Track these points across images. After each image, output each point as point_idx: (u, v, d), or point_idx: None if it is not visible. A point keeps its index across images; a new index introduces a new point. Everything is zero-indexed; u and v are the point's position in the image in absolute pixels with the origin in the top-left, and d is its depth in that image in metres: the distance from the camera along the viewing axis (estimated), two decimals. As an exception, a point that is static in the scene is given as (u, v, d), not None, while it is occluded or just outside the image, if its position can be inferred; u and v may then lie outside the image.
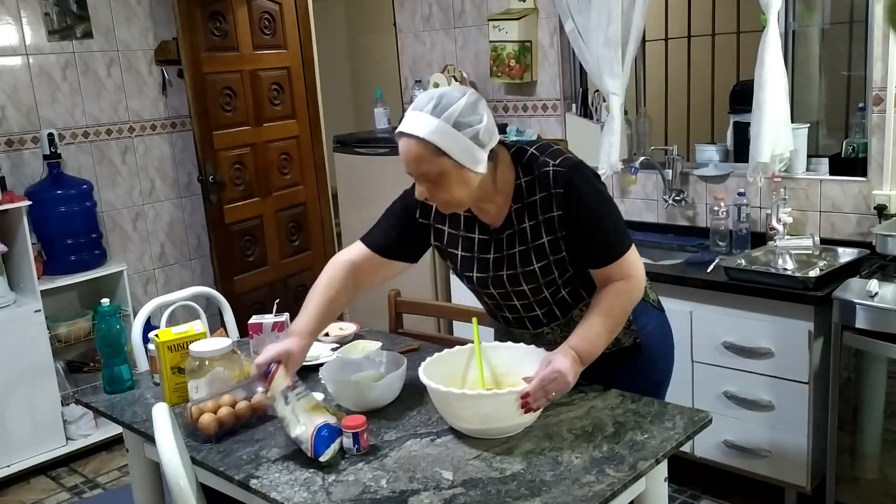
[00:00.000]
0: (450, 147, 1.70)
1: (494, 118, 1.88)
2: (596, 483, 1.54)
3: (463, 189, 1.75)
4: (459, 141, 1.70)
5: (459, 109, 1.70)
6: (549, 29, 3.70)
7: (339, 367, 2.02)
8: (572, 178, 1.79)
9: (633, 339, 1.99)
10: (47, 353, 3.55)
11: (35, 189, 3.66)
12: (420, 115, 1.71)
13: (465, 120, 1.71)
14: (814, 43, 3.23)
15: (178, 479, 1.57)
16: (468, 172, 1.74)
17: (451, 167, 1.72)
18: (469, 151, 1.72)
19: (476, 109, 1.73)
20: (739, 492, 2.98)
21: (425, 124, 1.70)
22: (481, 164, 1.75)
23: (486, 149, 1.75)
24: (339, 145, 4.14)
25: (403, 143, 1.74)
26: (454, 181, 1.74)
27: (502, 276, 1.88)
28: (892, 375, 2.49)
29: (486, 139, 1.73)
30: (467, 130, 1.71)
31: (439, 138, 1.69)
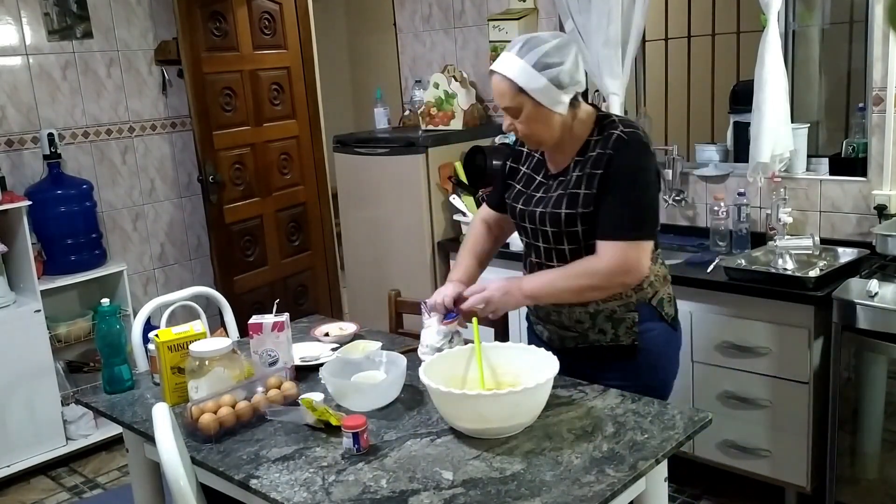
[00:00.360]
0: (530, 86, 1.84)
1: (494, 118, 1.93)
2: (596, 483, 1.54)
3: (541, 126, 1.91)
4: (539, 81, 1.84)
5: (543, 52, 1.84)
6: (549, 29, 3.70)
7: (339, 367, 2.02)
8: (625, 146, 1.89)
9: (633, 340, 2.01)
10: (47, 353, 3.55)
11: (35, 189, 3.66)
12: (507, 55, 1.88)
13: (548, 61, 1.84)
14: (814, 43, 3.23)
15: (178, 479, 1.57)
16: (547, 111, 1.88)
17: (531, 104, 1.87)
18: (548, 92, 1.85)
19: (560, 53, 1.85)
20: (739, 492, 2.98)
21: (510, 64, 1.86)
22: (561, 104, 1.88)
23: (565, 90, 1.87)
24: (339, 145, 4.14)
25: (493, 79, 1.92)
26: (534, 118, 1.89)
27: (535, 211, 2.01)
28: (892, 375, 2.48)
29: (566, 81, 1.86)
30: (547, 72, 1.84)
31: (521, 78, 1.85)
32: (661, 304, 2.04)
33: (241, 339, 2.56)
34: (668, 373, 2.11)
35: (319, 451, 1.76)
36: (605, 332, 2.02)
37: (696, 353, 2.86)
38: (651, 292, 2.02)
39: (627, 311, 2.00)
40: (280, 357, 2.13)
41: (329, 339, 2.42)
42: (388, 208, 3.91)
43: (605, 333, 2.02)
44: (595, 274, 1.90)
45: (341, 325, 2.51)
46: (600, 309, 2.00)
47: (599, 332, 2.03)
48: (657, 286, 2.03)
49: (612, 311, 2.00)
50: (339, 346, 2.34)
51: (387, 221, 3.94)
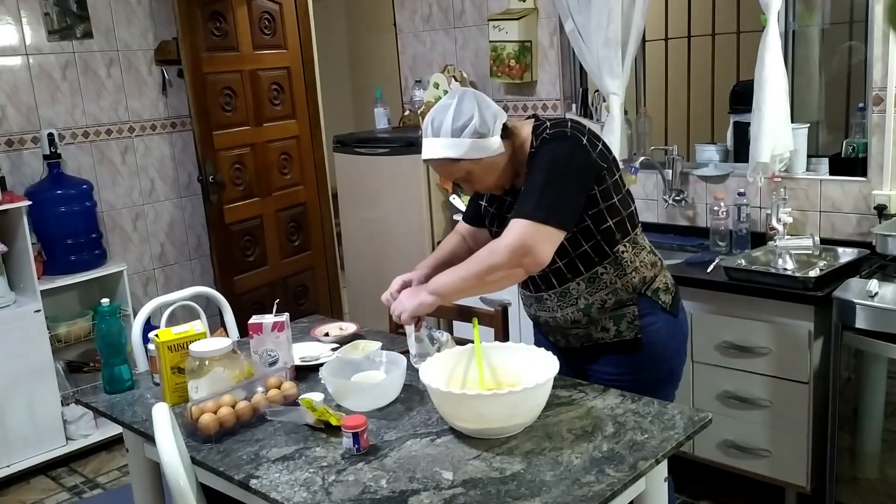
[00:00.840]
0: (460, 153, 1.93)
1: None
2: (596, 483, 1.54)
3: (491, 173, 1.98)
4: (464, 144, 1.92)
5: (451, 118, 1.92)
6: (549, 29, 3.70)
7: (339, 367, 2.02)
8: (547, 141, 1.95)
9: (635, 333, 2.04)
10: (47, 353, 3.55)
11: (35, 189, 3.66)
12: (427, 141, 1.98)
13: (459, 124, 1.92)
14: (814, 43, 3.23)
15: (178, 479, 1.57)
16: (489, 160, 1.95)
17: (471, 164, 1.95)
18: (476, 146, 1.93)
19: (464, 110, 1.93)
20: (739, 492, 2.98)
21: (433, 146, 1.96)
22: (493, 148, 1.94)
23: (490, 136, 1.93)
24: (339, 145, 4.14)
25: (433, 167, 2.06)
26: (483, 172, 1.97)
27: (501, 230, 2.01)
28: (892, 375, 2.48)
29: (485, 129, 1.93)
30: (466, 132, 1.92)
31: (448, 151, 1.94)
32: (656, 293, 2.06)
33: (241, 339, 2.56)
34: (674, 363, 2.13)
35: (319, 451, 1.76)
36: (607, 329, 2.04)
37: (696, 353, 2.86)
38: (638, 278, 2.03)
39: (619, 299, 2.02)
40: (280, 357, 2.13)
41: (329, 339, 2.42)
42: (388, 208, 3.91)
43: (607, 331, 2.05)
44: (494, 252, 1.89)
45: (341, 325, 2.51)
46: (591, 303, 2.02)
47: (602, 330, 2.05)
48: (644, 272, 2.05)
49: (602, 301, 2.02)
50: (339, 346, 2.34)
51: (387, 221, 3.94)
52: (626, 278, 2.02)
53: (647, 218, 3.53)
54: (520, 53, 3.70)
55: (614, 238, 2.00)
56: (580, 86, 3.75)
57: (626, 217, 2.02)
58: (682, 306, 2.17)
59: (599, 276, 2.00)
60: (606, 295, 2.02)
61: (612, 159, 2.00)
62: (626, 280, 2.02)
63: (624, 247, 2.02)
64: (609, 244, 1.99)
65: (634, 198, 2.13)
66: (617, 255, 2.01)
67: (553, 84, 3.75)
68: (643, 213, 3.53)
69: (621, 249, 2.01)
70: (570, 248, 1.97)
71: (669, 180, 3.39)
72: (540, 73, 3.78)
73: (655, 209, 3.51)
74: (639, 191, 3.54)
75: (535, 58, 3.76)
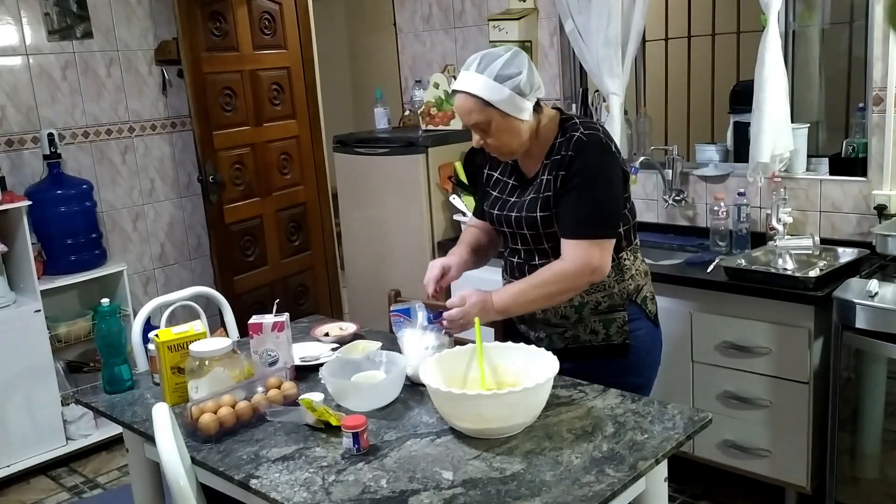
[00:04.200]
0: (495, 98, 1.92)
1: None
2: (596, 483, 1.54)
3: (511, 136, 1.97)
4: (503, 92, 1.91)
5: (500, 64, 1.92)
6: (549, 29, 3.70)
7: (339, 367, 2.02)
8: (585, 147, 1.95)
9: (624, 339, 2.07)
10: (47, 353, 3.55)
11: (35, 189, 3.66)
12: (467, 74, 1.95)
13: (507, 72, 1.91)
14: (814, 43, 3.23)
15: (178, 479, 1.57)
16: (514, 120, 1.95)
17: (498, 116, 1.94)
18: (512, 101, 1.92)
19: (516, 63, 1.93)
20: (739, 492, 2.98)
21: (472, 81, 1.93)
22: (525, 111, 1.95)
23: (528, 97, 1.95)
24: (339, 145, 4.14)
25: (457, 99, 1.99)
26: (503, 128, 1.96)
27: (511, 216, 2.07)
28: (892, 375, 2.48)
29: (527, 89, 1.94)
30: (508, 82, 1.91)
31: (485, 92, 1.92)
32: (644, 301, 2.11)
33: (241, 339, 2.56)
34: (652, 371, 2.17)
35: (319, 451, 1.76)
36: (596, 332, 2.06)
37: (696, 353, 2.86)
38: (633, 285, 2.07)
39: (612, 303, 2.05)
40: (280, 357, 2.13)
41: (329, 339, 2.42)
42: (388, 208, 3.91)
43: (596, 334, 2.06)
44: (562, 278, 1.94)
45: (341, 325, 2.51)
46: (585, 301, 2.05)
47: (591, 333, 2.07)
48: (639, 280, 2.09)
49: (596, 302, 2.04)
50: (339, 346, 2.34)
51: (387, 221, 3.94)
52: (624, 284, 2.06)
53: (647, 218, 3.53)
54: (520, 53, 3.70)
55: (620, 244, 2.03)
56: (580, 86, 3.75)
57: (632, 226, 2.07)
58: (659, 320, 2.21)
59: None
60: (602, 297, 2.05)
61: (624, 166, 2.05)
62: (623, 286, 2.06)
63: (626, 254, 2.06)
64: (616, 250, 2.02)
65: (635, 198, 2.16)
66: (620, 260, 2.05)
67: (553, 84, 3.75)
68: (643, 213, 3.53)
69: (624, 256, 2.06)
70: None
71: (669, 180, 3.39)
72: (540, 73, 3.77)
73: (655, 209, 3.51)
74: (639, 191, 3.54)
75: (535, 58, 3.76)
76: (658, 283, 2.81)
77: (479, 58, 1.96)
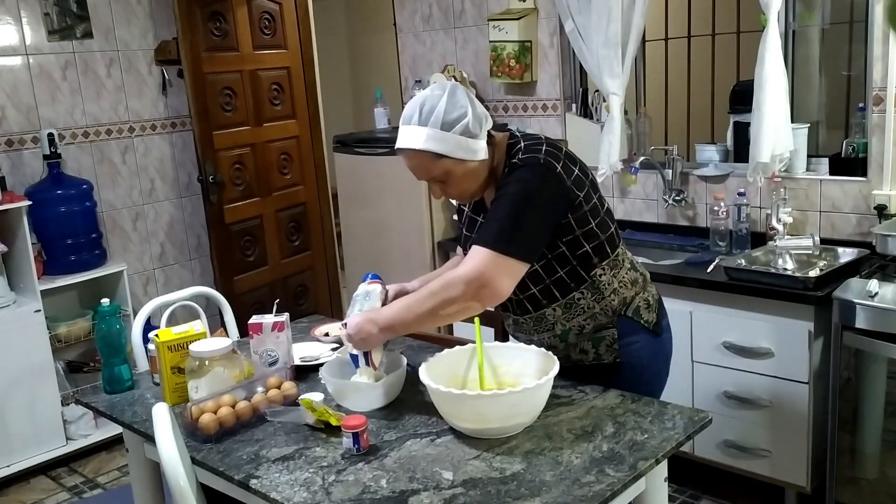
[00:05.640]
0: (445, 149, 1.81)
1: (494, 118, 1.91)
2: (596, 483, 1.54)
3: (471, 179, 1.88)
4: (452, 140, 1.81)
5: (443, 111, 1.80)
6: (549, 29, 3.70)
7: (339, 367, 2.02)
8: (518, 169, 1.84)
9: (614, 357, 1.97)
10: (47, 353, 3.55)
11: (35, 189, 3.66)
12: (410, 128, 1.83)
13: (451, 118, 1.80)
14: (814, 43, 3.23)
15: (178, 479, 1.57)
16: (470, 164, 1.85)
17: (453, 165, 1.83)
18: (464, 146, 1.82)
19: (458, 105, 1.81)
20: (739, 492, 2.98)
21: (417, 135, 1.81)
22: (480, 151, 1.85)
23: (479, 137, 1.84)
24: (339, 145, 4.14)
25: (405, 157, 1.87)
26: (460, 175, 1.86)
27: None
28: (892, 375, 2.48)
29: (475, 129, 1.83)
30: (456, 128, 1.80)
31: (433, 144, 1.81)
32: (637, 313, 1.98)
33: (241, 339, 2.56)
34: (653, 385, 2.03)
35: (319, 451, 1.76)
36: (586, 351, 1.99)
37: (696, 353, 2.86)
38: (618, 300, 1.95)
39: (597, 324, 1.95)
40: (280, 357, 2.13)
41: (329, 339, 2.42)
42: (388, 208, 3.91)
43: (586, 353, 1.99)
44: (450, 285, 1.78)
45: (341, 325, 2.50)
46: (568, 329, 1.96)
47: (581, 353, 1.99)
48: (624, 293, 1.97)
49: (580, 327, 1.96)
50: (339, 346, 2.33)
51: (387, 221, 3.94)
52: (605, 301, 1.94)
53: (647, 218, 3.53)
54: (520, 53, 3.70)
55: (591, 262, 1.90)
56: (580, 86, 3.75)
57: (604, 240, 1.92)
58: (666, 324, 2.07)
59: (576, 302, 1.93)
60: (584, 320, 1.95)
61: (590, 182, 1.89)
62: (604, 304, 1.94)
63: (602, 270, 1.92)
64: (586, 269, 1.90)
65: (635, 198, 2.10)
66: (594, 279, 1.92)
67: (553, 84, 3.75)
68: (643, 213, 3.53)
69: (598, 273, 1.92)
70: (544, 274, 1.90)
71: (669, 180, 3.39)
72: (540, 73, 3.78)
73: (655, 209, 3.51)
74: (639, 191, 3.54)
75: (535, 58, 3.76)
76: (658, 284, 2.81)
77: (418, 107, 1.82)
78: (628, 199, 3.58)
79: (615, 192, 3.61)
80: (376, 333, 1.87)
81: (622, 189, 3.59)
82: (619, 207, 3.61)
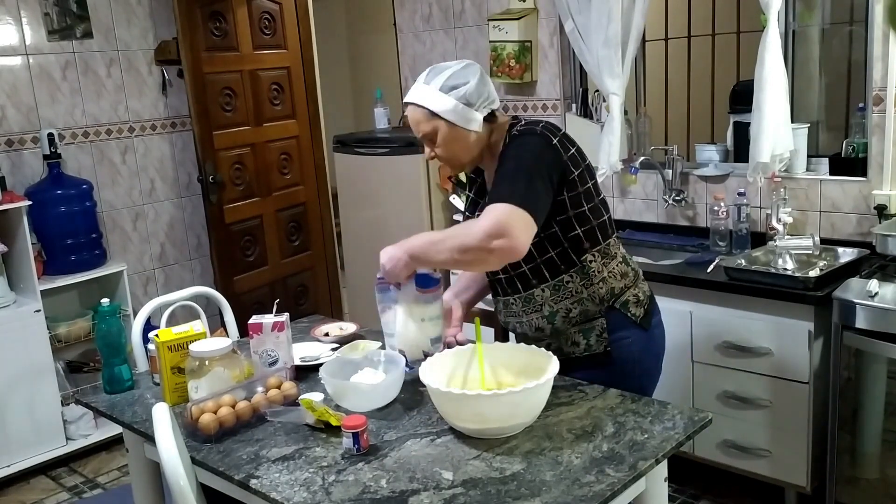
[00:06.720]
0: (440, 108, 1.93)
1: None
2: (596, 483, 1.54)
3: (459, 147, 1.97)
4: (449, 103, 1.92)
5: (447, 75, 1.94)
6: (549, 29, 3.70)
7: (339, 367, 2.02)
8: (515, 137, 1.95)
9: (604, 346, 2.01)
10: (47, 353, 3.55)
11: (35, 189, 3.66)
12: (417, 86, 1.99)
13: (453, 83, 1.93)
14: (814, 43, 3.23)
15: (178, 479, 1.57)
16: (461, 131, 1.95)
17: (445, 126, 1.94)
18: (459, 111, 1.93)
19: (465, 75, 1.94)
20: (739, 492, 2.98)
21: (420, 92, 1.96)
22: (473, 122, 1.94)
23: (475, 108, 1.94)
24: (339, 145, 4.14)
25: (408, 111, 2.01)
26: (450, 139, 1.96)
27: None
28: (892, 375, 2.49)
29: (474, 100, 1.93)
30: (454, 93, 1.92)
31: (431, 102, 1.94)
32: (625, 306, 2.02)
33: (241, 339, 2.56)
34: (644, 381, 2.07)
35: (319, 451, 1.76)
36: (577, 343, 2.02)
37: (696, 353, 2.87)
38: (605, 289, 2.00)
39: (585, 310, 1.99)
40: (280, 357, 2.13)
41: (329, 339, 2.42)
42: (388, 208, 3.91)
43: (577, 345, 2.02)
44: (469, 232, 1.84)
45: (341, 325, 2.51)
46: (555, 310, 2.00)
47: (573, 344, 2.03)
48: (613, 283, 2.01)
49: (566, 310, 1.99)
50: (339, 346, 2.34)
51: (387, 221, 3.94)
52: (593, 288, 1.99)
53: (647, 218, 3.53)
54: (520, 53, 3.70)
55: (582, 247, 1.96)
56: (580, 86, 3.75)
57: (596, 226, 1.98)
58: (657, 321, 2.11)
59: (565, 284, 1.98)
60: (571, 304, 1.99)
61: (585, 165, 1.97)
62: (592, 290, 1.99)
63: (592, 256, 1.98)
64: (577, 252, 1.96)
65: (635, 198, 2.12)
66: (584, 263, 1.97)
67: (553, 84, 3.75)
68: (643, 213, 3.53)
69: (589, 259, 1.98)
70: (535, 252, 1.95)
71: (669, 180, 3.39)
72: (540, 73, 3.78)
73: (655, 209, 3.51)
74: (639, 191, 3.54)
75: (535, 58, 3.76)
76: (658, 283, 2.82)
77: (430, 69, 1.98)
78: (628, 199, 3.58)
79: (615, 192, 3.61)
80: (407, 260, 1.93)
81: (622, 189, 3.59)
82: (619, 207, 3.61)
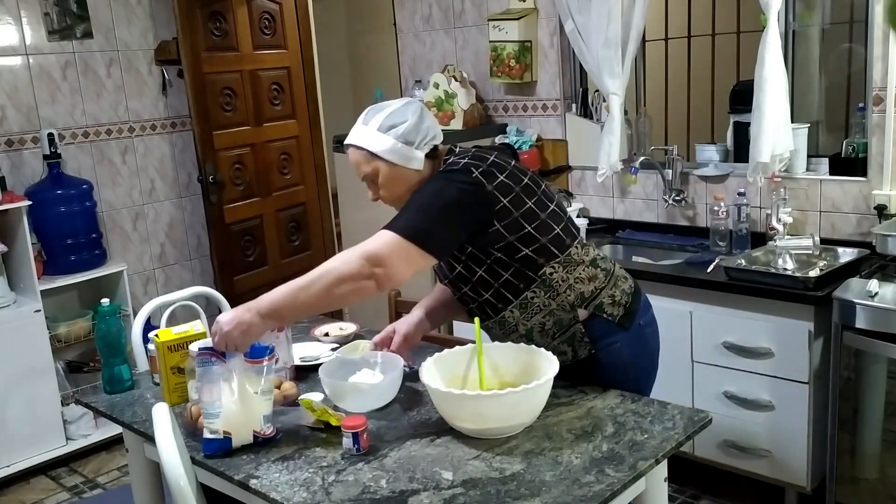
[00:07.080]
0: (379, 149, 1.91)
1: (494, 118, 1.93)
2: (596, 483, 1.54)
3: (401, 186, 1.95)
4: (387, 142, 1.91)
5: (386, 115, 1.93)
6: (549, 29, 3.70)
7: (338, 368, 2.02)
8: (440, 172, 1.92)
9: (589, 350, 1.97)
10: (47, 353, 3.55)
11: (35, 189, 3.66)
12: (356, 127, 1.97)
13: (391, 122, 1.91)
14: (814, 43, 3.23)
15: (178, 479, 1.57)
16: (402, 170, 1.94)
17: (385, 167, 1.93)
18: (398, 151, 1.91)
19: (403, 113, 1.93)
20: (739, 492, 2.98)
21: (358, 133, 1.95)
22: (414, 160, 1.93)
23: (415, 146, 1.92)
24: (339, 145, 4.13)
25: (348, 153, 1.99)
26: (390, 179, 1.95)
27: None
28: (892, 375, 2.48)
29: (413, 137, 1.91)
30: (392, 132, 1.91)
31: (369, 142, 1.92)
32: (600, 308, 1.96)
33: (241, 339, 2.55)
34: (640, 382, 2.04)
35: (319, 451, 1.76)
36: (564, 353, 1.97)
37: (696, 352, 2.86)
38: (573, 295, 1.94)
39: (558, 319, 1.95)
40: (280, 357, 2.12)
41: (329, 339, 2.42)
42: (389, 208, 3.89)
43: (565, 354, 1.97)
44: (346, 260, 1.76)
45: (341, 325, 2.51)
46: (530, 328, 1.97)
47: (560, 355, 1.96)
48: (580, 287, 1.94)
49: (540, 325, 1.96)
50: (338, 346, 2.34)
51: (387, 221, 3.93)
52: (561, 298, 1.93)
53: (647, 218, 3.53)
54: (520, 53, 3.70)
55: (536, 263, 1.90)
56: (580, 86, 3.75)
57: (547, 242, 1.90)
58: (646, 319, 2.05)
59: (531, 301, 1.93)
60: (543, 318, 1.95)
61: (523, 186, 1.89)
62: (560, 300, 1.94)
63: (552, 268, 1.92)
64: (532, 269, 1.90)
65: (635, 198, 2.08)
66: (544, 277, 1.91)
67: (553, 84, 3.75)
68: (643, 213, 3.53)
69: (549, 272, 1.91)
70: (490, 279, 1.92)
71: (669, 180, 3.38)
72: (540, 73, 3.78)
73: (655, 209, 3.51)
74: (639, 191, 3.54)
75: (535, 58, 3.76)
76: (658, 283, 2.83)
77: (368, 110, 1.97)
78: (628, 199, 3.58)
79: (615, 192, 3.61)
80: (258, 323, 1.76)
81: (622, 189, 3.59)
82: (619, 207, 3.61)
